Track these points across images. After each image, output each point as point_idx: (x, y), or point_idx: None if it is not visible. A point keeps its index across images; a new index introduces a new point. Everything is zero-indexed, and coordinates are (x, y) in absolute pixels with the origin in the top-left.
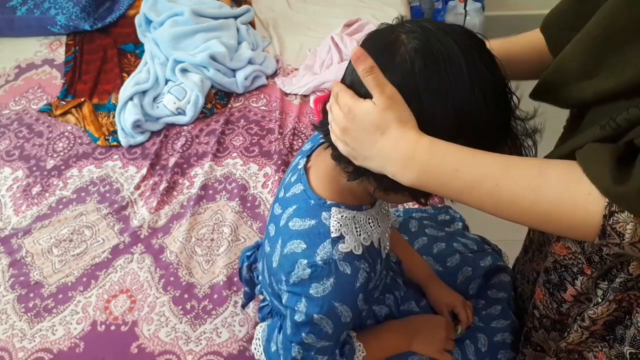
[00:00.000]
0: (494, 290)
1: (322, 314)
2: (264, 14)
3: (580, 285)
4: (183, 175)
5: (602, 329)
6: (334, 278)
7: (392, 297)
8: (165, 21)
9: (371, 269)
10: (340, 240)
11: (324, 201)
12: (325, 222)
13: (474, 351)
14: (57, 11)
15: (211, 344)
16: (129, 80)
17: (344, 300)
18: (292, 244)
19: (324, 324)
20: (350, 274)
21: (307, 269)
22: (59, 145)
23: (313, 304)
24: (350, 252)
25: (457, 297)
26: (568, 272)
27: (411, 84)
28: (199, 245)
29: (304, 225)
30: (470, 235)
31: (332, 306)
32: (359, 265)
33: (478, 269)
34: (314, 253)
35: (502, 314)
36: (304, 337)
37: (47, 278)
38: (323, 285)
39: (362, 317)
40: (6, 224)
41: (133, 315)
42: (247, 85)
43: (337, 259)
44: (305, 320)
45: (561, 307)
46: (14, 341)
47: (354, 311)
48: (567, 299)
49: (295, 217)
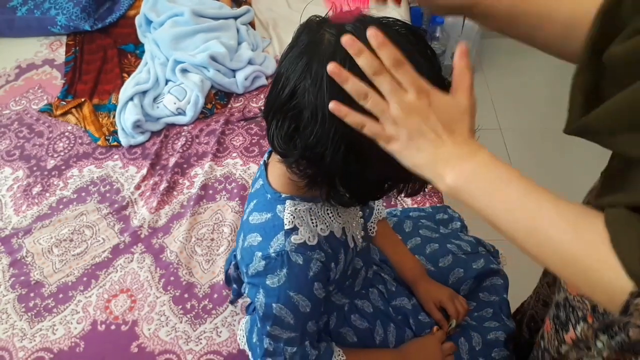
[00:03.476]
0: (485, 293)
1: (280, 304)
2: (263, 14)
3: (581, 331)
4: (183, 175)
5: None
6: (286, 269)
7: (377, 291)
8: (165, 21)
9: (330, 259)
10: (294, 232)
11: (279, 195)
12: (279, 215)
13: (468, 349)
14: (58, 11)
15: (211, 343)
16: (129, 81)
17: (299, 290)
18: (250, 237)
19: (284, 315)
20: (302, 264)
21: (262, 261)
22: (60, 145)
23: (270, 294)
24: (303, 243)
25: (444, 292)
26: (574, 314)
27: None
28: (199, 245)
29: (261, 219)
30: (465, 237)
31: (287, 296)
32: (311, 256)
33: (470, 270)
34: (268, 245)
35: (494, 317)
36: (269, 329)
37: (48, 278)
38: (277, 276)
39: (345, 312)
40: (7, 224)
41: (133, 314)
42: (247, 85)
43: (288, 250)
44: (266, 312)
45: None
46: (14, 341)
47: (312, 300)
48: (567, 341)
49: (254, 212)
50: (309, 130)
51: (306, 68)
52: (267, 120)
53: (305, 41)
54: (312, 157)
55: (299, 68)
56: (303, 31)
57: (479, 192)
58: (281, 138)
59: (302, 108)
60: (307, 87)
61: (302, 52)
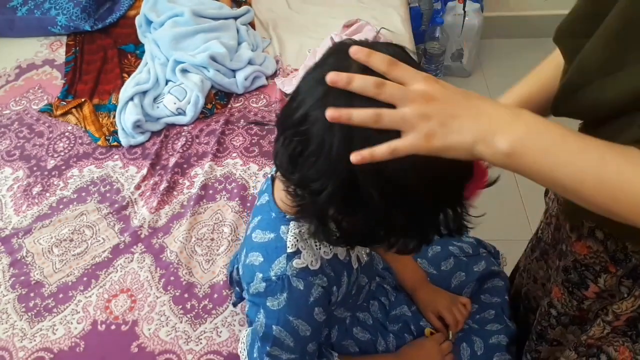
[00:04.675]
0: (487, 295)
1: (280, 327)
2: (263, 14)
3: (604, 282)
4: (183, 175)
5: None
6: (287, 293)
7: (377, 303)
8: (165, 22)
9: (332, 283)
10: (296, 255)
11: (283, 214)
12: (282, 237)
13: (470, 354)
14: (58, 12)
15: (211, 343)
16: (130, 81)
17: (299, 315)
18: (252, 256)
19: (284, 337)
20: (303, 290)
21: (262, 283)
22: (60, 145)
23: (270, 316)
24: (305, 268)
25: (442, 301)
26: (589, 270)
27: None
28: (199, 245)
29: (264, 239)
30: (466, 238)
31: (287, 320)
32: (313, 281)
33: (471, 273)
34: (269, 267)
35: (495, 319)
36: (269, 349)
37: (48, 278)
38: (277, 300)
39: (347, 325)
40: (7, 224)
41: (133, 314)
42: (247, 85)
43: (290, 275)
44: (266, 332)
45: (582, 304)
46: (14, 341)
47: (312, 325)
48: (589, 296)
49: (257, 229)
50: (311, 161)
51: (323, 96)
52: (277, 133)
53: (331, 67)
54: (309, 188)
55: (316, 94)
56: (333, 54)
57: (539, 152)
58: (285, 158)
59: (310, 136)
60: (318, 117)
61: (324, 80)
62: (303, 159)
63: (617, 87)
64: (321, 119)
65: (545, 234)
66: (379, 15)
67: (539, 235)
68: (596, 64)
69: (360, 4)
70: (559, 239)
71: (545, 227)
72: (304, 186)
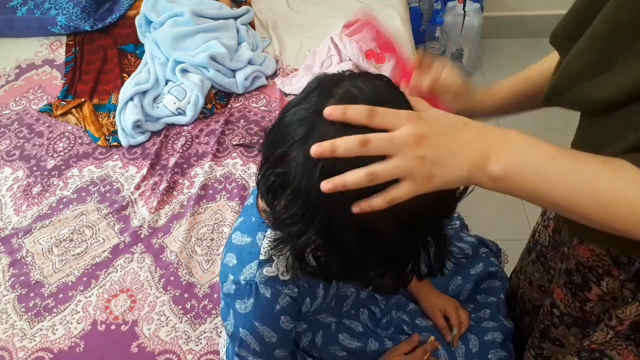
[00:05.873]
0: (483, 295)
1: (246, 330)
2: (263, 14)
3: (607, 285)
4: (183, 175)
5: (628, 329)
6: (254, 299)
7: (367, 311)
8: (165, 22)
9: (304, 294)
10: (268, 263)
11: (262, 220)
12: (258, 243)
13: (465, 352)
14: (58, 12)
15: (211, 343)
16: (129, 81)
17: (264, 322)
18: (228, 256)
19: (250, 341)
20: (270, 298)
21: (232, 285)
22: (60, 145)
23: (237, 318)
24: (275, 277)
25: (450, 301)
26: (592, 273)
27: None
28: (199, 244)
29: (241, 242)
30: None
31: (253, 325)
32: (280, 290)
33: (468, 277)
34: (240, 271)
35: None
36: (237, 350)
37: (48, 278)
38: (245, 304)
39: (332, 331)
40: (6, 224)
41: (133, 314)
42: (247, 85)
43: (258, 282)
44: (234, 333)
45: (585, 305)
46: (14, 341)
47: (278, 332)
48: (592, 298)
49: (238, 230)
50: (290, 204)
51: (303, 139)
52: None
53: (312, 106)
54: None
55: (297, 134)
56: (315, 89)
57: (531, 174)
58: (264, 188)
59: (288, 177)
60: (298, 161)
61: (305, 118)
62: (282, 198)
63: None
64: (300, 161)
65: (542, 236)
66: (379, 15)
67: (535, 238)
68: (584, 66)
69: (360, 4)
70: (560, 242)
71: (543, 230)
72: (281, 229)
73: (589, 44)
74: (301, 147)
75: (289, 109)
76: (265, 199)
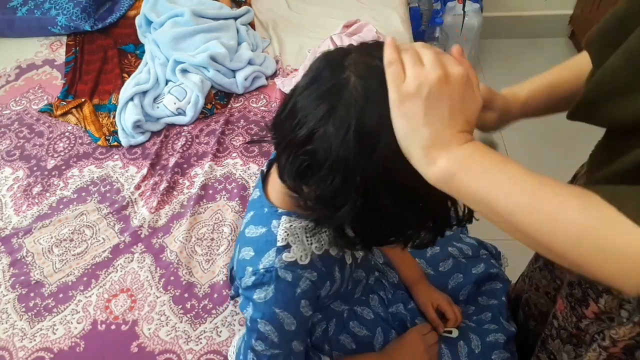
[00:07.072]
0: (484, 297)
1: (265, 320)
2: (263, 14)
3: (604, 303)
4: (183, 175)
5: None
6: (274, 284)
7: (377, 297)
8: (165, 22)
9: (323, 278)
10: (286, 249)
11: (275, 209)
12: (273, 231)
13: (467, 353)
14: (58, 12)
15: (211, 343)
16: (130, 81)
17: (285, 307)
18: (244, 251)
19: (268, 332)
20: (291, 281)
21: (252, 276)
22: (60, 145)
23: (256, 309)
24: (294, 262)
25: (443, 296)
26: (593, 289)
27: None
28: (199, 244)
29: (256, 233)
30: (466, 239)
31: (273, 312)
32: (301, 274)
33: (469, 275)
34: (259, 261)
35: (492, 320)
36: (253, 343)
37: (48, 277)
38: (265, 292)
39: (344, 318)
40: (7, 224)
41: (133, 314)
42: (247, 85)
43: (277, 267)
44: (252, 326)
45: (580, 322)
46: (15, 340)
47: (298, 318)
48: (588, 316)
49: (250, 224)
50: (327, 180)
51: (328, 113)
52: (277, 151)
53: (328, 81)
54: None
55: (320, 111)
56: (325, 67)
57: (476, 175)
58: (292, 175)
59: (318, 151)
60: (329, 133)
61: (325, 95)
62: (315, 176)
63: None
64: (332, 133)
65: None
66: (379, 16)
67: None
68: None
69: (360, 4)
70: None
71: None
72: (322, 204)
73: (622, 61)
74: (329, 120)
75: (298, 94)
76: (293, 184)
